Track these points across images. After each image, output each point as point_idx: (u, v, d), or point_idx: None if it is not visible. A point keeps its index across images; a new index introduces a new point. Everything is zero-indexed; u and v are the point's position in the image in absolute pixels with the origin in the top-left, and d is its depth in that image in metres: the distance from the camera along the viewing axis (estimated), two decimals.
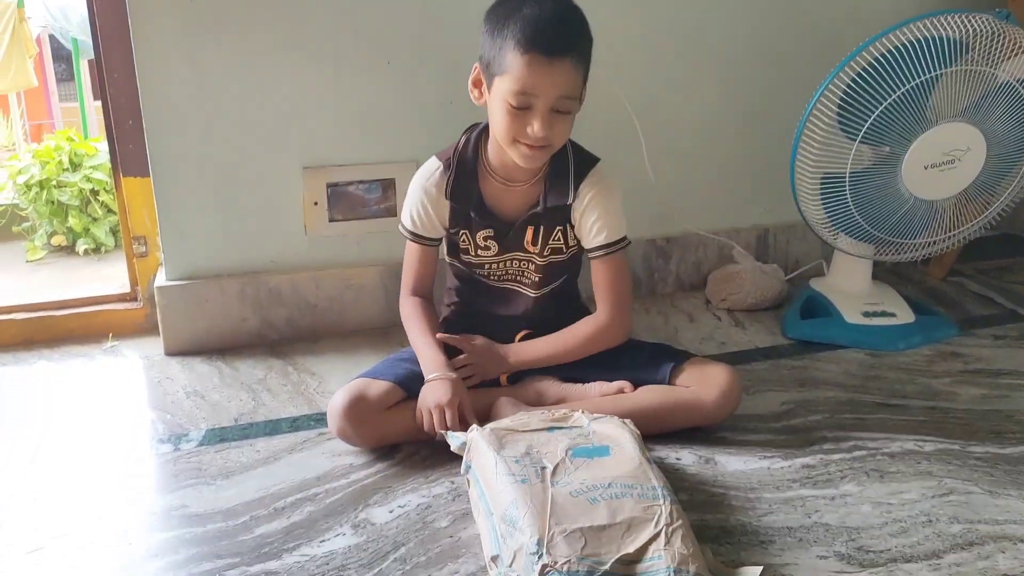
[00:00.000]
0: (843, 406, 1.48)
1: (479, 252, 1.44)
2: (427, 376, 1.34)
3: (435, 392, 1.31)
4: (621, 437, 1.17)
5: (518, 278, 1.47)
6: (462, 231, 1.44)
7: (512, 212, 1.42)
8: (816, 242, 1.86)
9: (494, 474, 1.08)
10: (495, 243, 1.43)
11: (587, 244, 1.43)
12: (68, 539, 1.13)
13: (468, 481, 1.17)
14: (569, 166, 1.40)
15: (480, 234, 1.42)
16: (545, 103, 1.24)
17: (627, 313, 1.45)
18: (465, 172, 1.40)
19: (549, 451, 1.13)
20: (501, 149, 1.34)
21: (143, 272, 1.84)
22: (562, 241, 1.43)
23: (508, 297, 1.49)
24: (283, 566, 1.07)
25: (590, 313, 1.56)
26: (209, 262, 1.73)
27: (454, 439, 1.21)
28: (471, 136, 1.42)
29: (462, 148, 1.41)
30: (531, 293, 1.47)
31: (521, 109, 1.25)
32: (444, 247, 1.50)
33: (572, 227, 1.43)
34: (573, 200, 1.39)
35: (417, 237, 1.45)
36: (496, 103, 1.28)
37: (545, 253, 1.43)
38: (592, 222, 1.39)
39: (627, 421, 1.22)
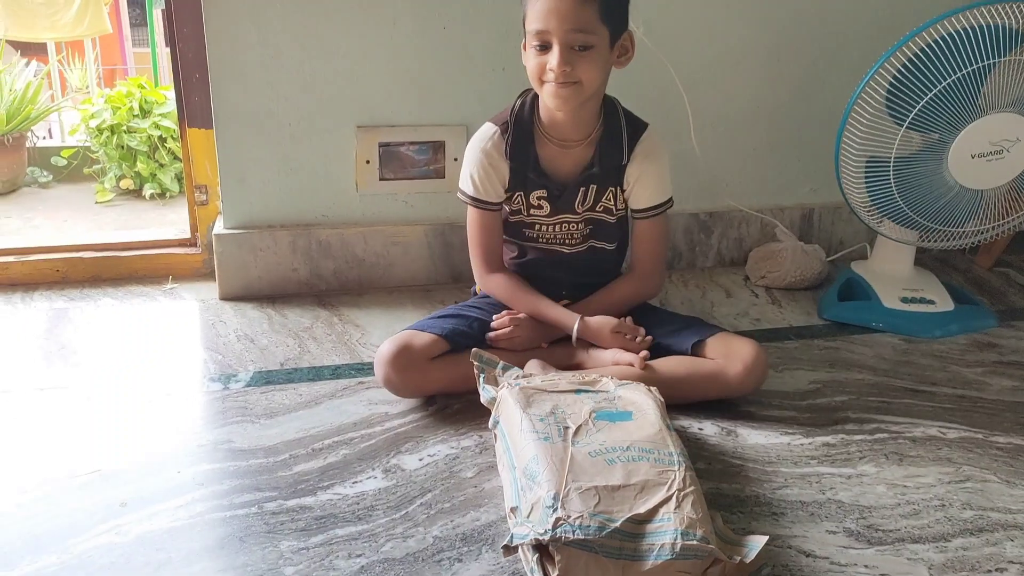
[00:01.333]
0: (871, 389, 1.50)
1: (532, 212, 1.50)
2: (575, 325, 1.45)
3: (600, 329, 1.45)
4: (645, 404, 1.21)
5: (566, 240, 1.53)
6: (517, 192, 1.49)
7: (566, 173, 1.47)
8: (861, 224, 1.86)
9: (519, 430, 1.14)
10: (548, 203, 1.49)
11: (636, 205, 1.50)
12: (122, 464, 1.22)
13: (495, 435, 1.22)
14: (622, 128, 1.46)
15: (534, 194, 1.48)
16: (560, 38, 1.30)
17: (663, 270, 1.58)
18: (522, 133, 1.46)
19: (573, 412, 1.17)
20: (551, 109, 1.40)
21: (203, 219, 1.92)
22: (612, 202, 1.50)
23: (552, 260, 1.54)
24: (317, 502, 1.14)
25: None
26: (264, 213, 1.81)
27: (486, 391, 1.27)
28: (526, 99, 1.47)
29: (518, 110, 1.46)
30: (574, 251, 1.53)
31: (543, 49, 1.33)
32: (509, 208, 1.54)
33: (623, 190, 1.49)
34: (627, 161, 1.46)
35: (479, 202, 1.49)
36: (527, 51, 1.36)
37: (598, 210, 1.50)
38: (644, 186, 1.48)
39: (652, 388, 1.26)
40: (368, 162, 1.81)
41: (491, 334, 1.46)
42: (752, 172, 2.05)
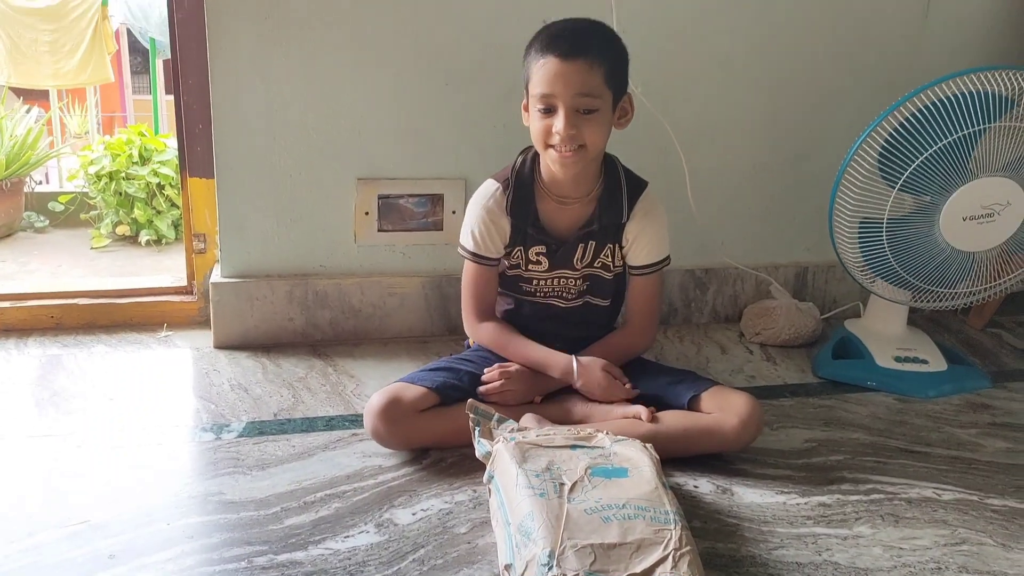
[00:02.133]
0: (866, 448, 1.50)
1: (530, 267, 1.51)
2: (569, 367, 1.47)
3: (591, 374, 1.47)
4: (640, 460, 1.21)
5: (562, 294, 1.54)
6: (517, 247, 1.50)
7: (565, 230, 1.49)
8: (855, 283, 1.87)
9: (515, 485, 1.13)
10: (546, 259, 1.50)
11: (634, 263, 1.52)
12: (110, 515, 1.21)
13: (489, 490, 1.22)
14: (622, 186, 1.48)
15: (533, 250, 1.50)
16: (565, 102, 1.33)
17: (656, 325, 1.58)
18: (523, 190, 1.47)
19: (569, 468, 1.17)
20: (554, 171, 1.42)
21: (200, 267, 1.93)
22: (610, 259, 1.51)
23: (547, 314, 1.55)
24: (308, 557, 1.13)
25: None
26: (262, 262, 1.82)
27: (481, 446, 1.26)
28: (527, 157, 1.50)
29: (519, 167, 1.49)
30: (569, 305, 1.54)
31: (547, 112, 1.35)
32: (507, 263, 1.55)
33: (621, 248, 1.51)
34: (627, 219, 1.48)
35: (478, 257, 1.51)
36: (531, 114, 1.39)
37: (596, 266, 1.51)
38: (643, 244, 1.50)
39: (648, 445, 1.26)
40: (367, 213, 1.83)
41: (482, 388, 1.45)
42: (747, 230, 2.07)
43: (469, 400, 1.34)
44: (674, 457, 1.37)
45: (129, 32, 4.95)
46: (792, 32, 1.95)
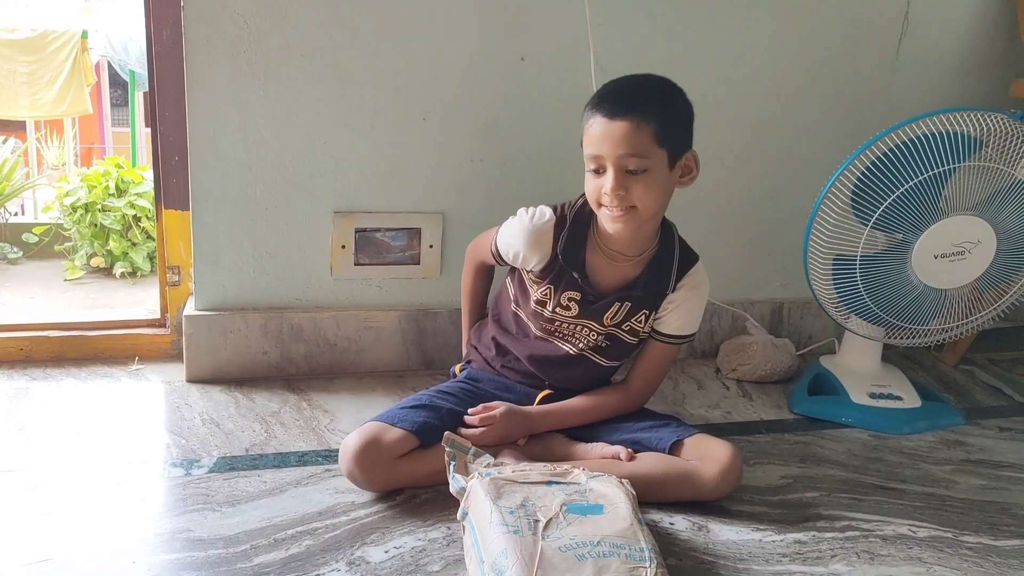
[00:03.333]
0: (841, 485, 1.50)
1: (557, 310, 1.47)
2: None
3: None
4: (616, 497, 1.20)
5: (579, 344, 1.49)
6: (549, 284, 1.46)
7: (608, 284, 1.45)
8: (829, 320, 1.88)
9: (488, 523, 1.12)
10: (578, 307, 1.45)
11: (662, 329, 1.48)
12: (75, 552, 1.18)
13: (463, 527, 1.20)
14: (674, 256, 1.46)
15: (566, 294, 1.45)
16: (612, 162, 1.30)
17: (649, 394, 1.54)
18: (577, 234, 1.43)
19: (544, 505, 1.16)
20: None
21: (174, 300, 1.91)
22: (642, 324, 1.47)
23: (551, 356, 1.51)
24: None
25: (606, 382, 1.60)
26: (237, 295, 1.80)
27: (455, 481, 1.25)
28: (585, 200, 1.43)
29: (578, 208, 1.44)
30: (577, 352, 1.50)
31: (597, 173, 1.33)
32: (512, 291, 1.54)
33: (656, 315, 1.47)
34: (672, 291, 1.45)
35: (499, 258, 1.53)
36: (586, 174, 1.36)
37: (624, 329, 1.47)
38: (679, 315, 1.47)
39: (624, 481, 1.25)
40: (344, 247, 1.82)
41: (465, 431, 1.42)
42: (724, 267, 2.08)
43: (445, 432, 1.33)
44: (650, 502, 1.35)
45: (110, 65, 4.96)
46: (767, 72, 1.98)
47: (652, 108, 1.30)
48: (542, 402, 1.51)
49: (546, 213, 1.45)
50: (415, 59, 1.76)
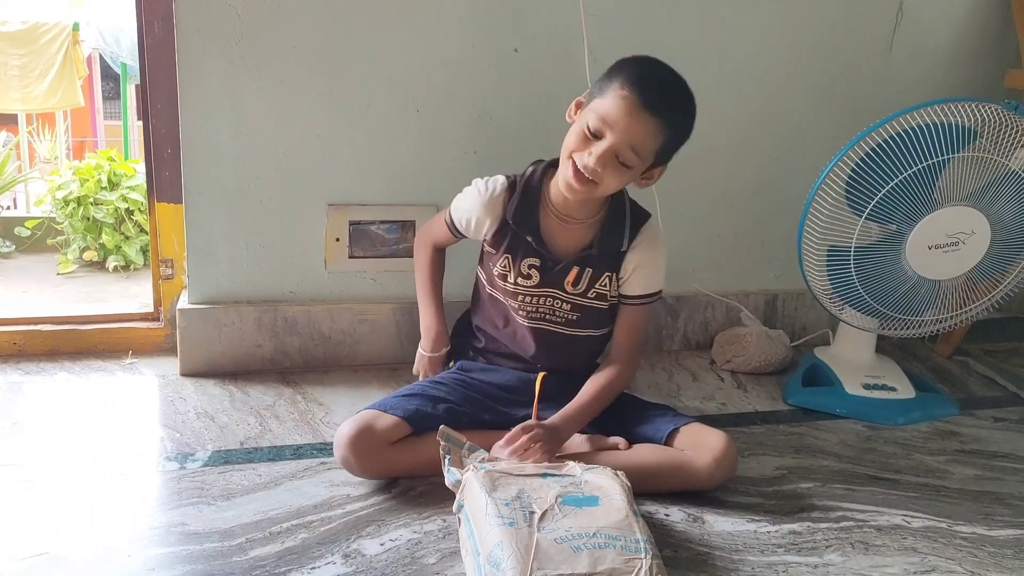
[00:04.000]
0: (836, 476, 1.50)
1: (519, 280, 1.47)
2: (423, 342, 1.61)
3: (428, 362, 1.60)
4: (611, 488, 1.20)
5: (549, 317, 1.50)
6: (506, 254, 1.47)
7: (563, 249, 1.46)
8: (824, 310, 1.89)
9: (484, 515, 1.12)
10: (538, 274, 1.46)
11: (627, 292, 1.49)
12: (70, 546, 1.18)
13: (459, 519, 1.20)
14: (626, 214, 1.47)
15: (525, 262, 1.46)
16: (614, 141, 1.30)
17: (638, 358, 1.54)
18: (529, 198, 1.45)
19: (539, 497, 1.16)
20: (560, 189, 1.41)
21: (167, 294, 1.90)
22: (607, 288, 1.48)
23: (534, 338, 1.51)
24: None
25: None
26: (230, 289, 1.80)
27: (451, 474, 1.25)
28: (538, 168, 1.48)
29: (528, 176, 1.47)
30: (558, 330, 1.50)
31: (593, 136, 1.32)
32: (484, 275, 1.54)
33: (619, 277, 1.48)
34: (627, 248, 1.46)
35: (454, 228, 1.54)
36: (578, 122, 1.36)
37: (590, 296, 1.48)
38: (641, 275, 1.47)
39: (619, 473, 1.25)
40: (338, 240, 1.82)
41: (506, 450, 1.31)
42: (718, 258, 2.09)
43: (440, 427, 1.33)
44: (646, 492, 1.36)
45: (102, 58, 4.93)
46: (761, 62, 1.98)
47: (676, 121, 1.34)
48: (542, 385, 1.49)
49: (499, 179, 1.49)
50: (408, 51, 1.75)
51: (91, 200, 2.87)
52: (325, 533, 1.24)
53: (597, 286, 1.47)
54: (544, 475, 1.23)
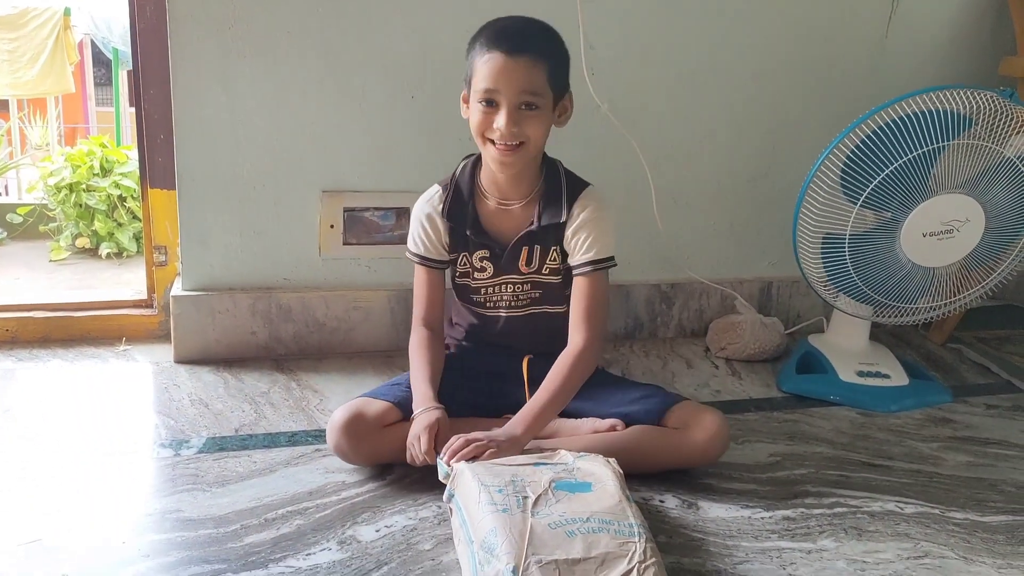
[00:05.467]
0: (829, 462, 1.51)
1: (476, 275, 1.49)
2: (415, 412, 1.35)
3: (418, 424, 1.32)
4: (604, 475, 1.20)
5: (514, 303, 1.51)
6: (461, 253, 1.49)
7: (508, 233, 1.46)
8: (818, 298, 1.89)
9: (476, 502, 1.11)
10: (491, 264, 1.48)
11: (574, 260, 1.44)
12: (64, 533, 1.17)
13: (451, 509, 1.20)
14: (562, 187, 1.45)
15: (477, 255, 1.48)
16: (509, 98, 1.32)
17: (601, 337, 1.45)
18: (461, 193, 1.47)
19: (533, 481, 1.16)
20: (493, 170, 1.42)
21: (160, 280, 1.89)
22: (557, 262, 1.47)
23: (504, 326, 1.52)
24: (268, 575, 1.10)
25: None
26: (224, 275, 1.79)
27: (441, 467, 1.25)
28: (468, 162, 1.50)
29: (459, 172, 1.49)
30: (523, 313, 1.51)
31: (490, 106, 1.34)
32: (451, 280, 1.54)
33: (564, 248, 1.47)
34: (566, 218, 1.44)
35: (423, 259, 1.50)
36: (472, 107, 1.38)
37: (544, 272, 1.48)
38: (583, 238, 1.43)
39: (611, 460, 1.25)
40: (332, 226, 1.81)
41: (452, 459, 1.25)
42: (713, 246, 2.09)
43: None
44: (640, 472, 1.36)
45: (94, 44, 4.89)
46: (756, 51, 1.97)
47: (547, 49, 1.36)
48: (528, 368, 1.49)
49: (433, 188, 1.50)
50: (403, 36, 1.74)
51: (83, 187, 2.85)
52: (320, 520, 1.24)
53: (548, 261, 1.47)
54: (536, 464, 1.23)
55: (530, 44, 1.33)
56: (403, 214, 1.84)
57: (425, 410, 1.34)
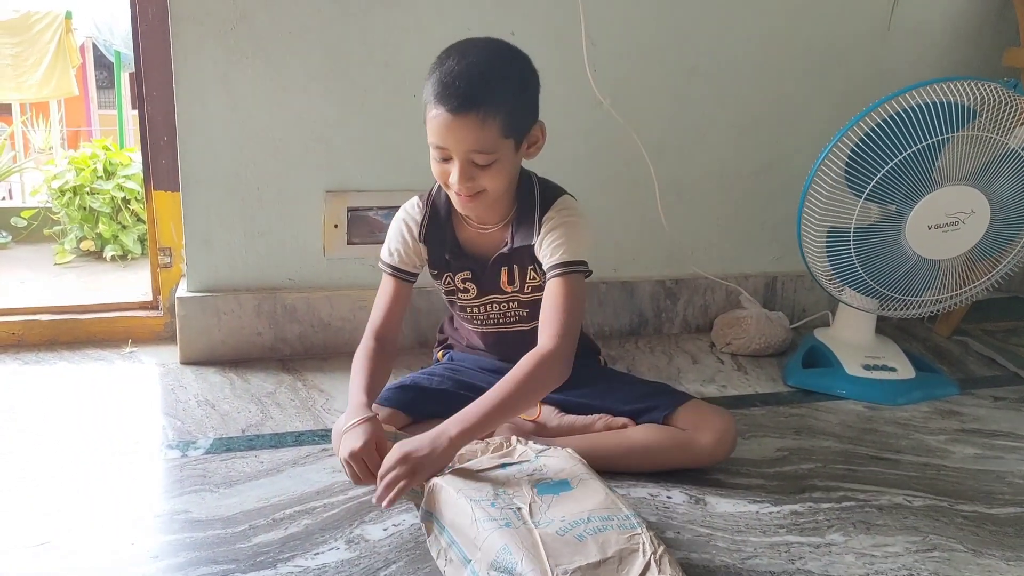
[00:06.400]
0: (837, 456, 1.51)
1: (461, 295, 1.47)
2: (345, 427, 1.24)
3: (346, 442, 1.21)
4: (575, 469, 1.18)
5: (502, 320, 1.48)
6: (444, 273, 1.46)
7: (486, 253, 1.43)
8: (823, 292, 1.89)
9: (471, 520, 1.07)
10: (474, 285, 1.45)
11: (545, 264, 1.36)
12: (73, 535, 1.18)
13: (428, 528, 1.15)
14: (535, 206, 1.39)
15: (459, 276, 1.45)
16: (459, 156, 1.24)
17: (571, 345, 1.30)
18: (438, 216, 1.42)
19: (516, 491, 1.13)
20: None
21: (166, 282, 1.90)
22: (539, 280, 1.42)
23: (499, 341, 1.50)
24: (277, 575, 1.10)
25: (600, 356, 1.59)
26: (229, 276, 1.79)
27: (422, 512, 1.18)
28: None
29: (435, 193, 1.42)
30: (515, 329, 1.48)
31: (444, 160, 1.27)
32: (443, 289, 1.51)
33: (539, 262, 1.41)
34: (537, 236, 1.37)
35: (395, 270, 1.43)
36: (431, 152, 1.29)
37: (527, 291, 1.44)
38: (551, 240, 1.35)
39: (568, 450, 1.23)
40: (336, 226, 1.81)
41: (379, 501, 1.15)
42: (717, 241, 2.08)
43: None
44: (647, 471, 1.37)
45: (95, 47, 4.90)
46: (758, 44, 1.97)
47: (498, 100, 1.22)
48: None
49: (413, 203, 1.43)
50: (405, 35, 1.74)
51: (87, 189, 2.86)
52: (328, 519, 1.24)
53: (528, 279, 1.43)
54: (503, 466, 1.20)
55: (478, 100, 1.20)
56: None
57: (352, 426, 1.23)
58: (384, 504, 1.14)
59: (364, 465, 1.19)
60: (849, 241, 1.64)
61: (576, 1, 1.75)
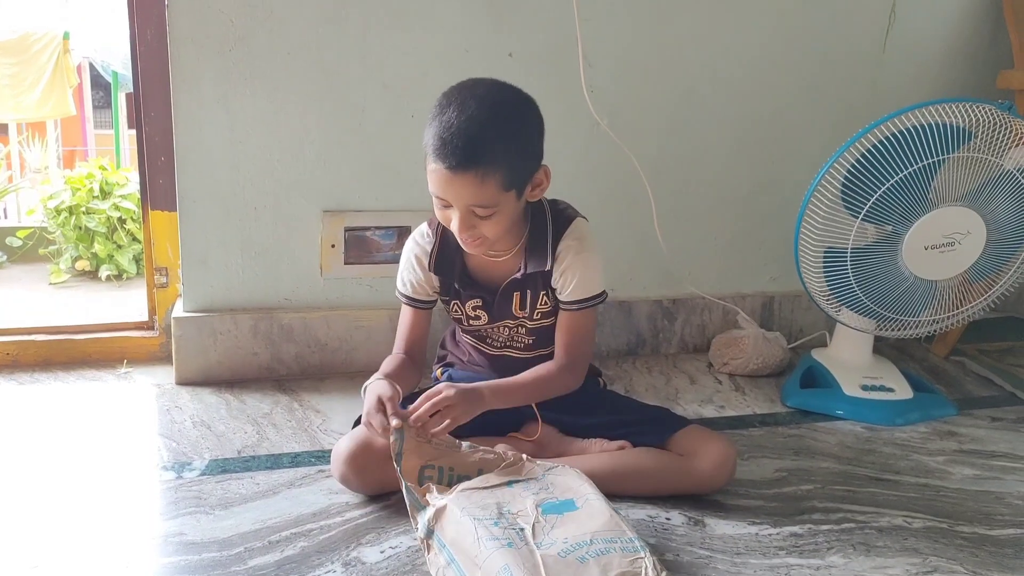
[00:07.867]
0: (836, 477, 1.50)
1: (470, 321, 1.47)
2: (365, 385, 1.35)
3: (375, 389, 1.31)
4: (581, 488, 1.18)
5: (512, 344, 1.49)
6: (453, 300, 1.46)
7: (497, 280, 1.43)
8: (820, 312, 1.89)
9: (474, 539, 1.07)
10: (484, 312, 1.45)
11: (562, 299, 1.41)
12: (66, 558, 1.16)
13: (428, 546, 1.14)
14: (547, 232, 1.40)
15: (469, 304, 1.45)
16: (460, 208, 1.26)
17: (581, 364, 1.43)
18: (448, 246, 1.42)
19: (520, 510, 1.13)
20: None
21: (162, 302, 1.89)
22: (549, 305, 1.44)
23: (511, 363, 1.49)
24: None
25: (600, 378, 1.59)
26: (226, 296, 1.79)
27: (409, 494, 1.19)
28: None
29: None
30: (527, 355, 1.49)
31: (444, 207, 1.29)
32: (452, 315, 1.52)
33: (554, 291, 1.43)
34: (551, 264, 1.39)
35: (411, 300, 1.48)
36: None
37: (535, 317, 1.45)
38: (569, 280, 1.39)
39: (578, 470, 1.24)
40: (333, 246, 1.81)
41: (422, 423, 1.26)
42: (714, 261, 2.09)
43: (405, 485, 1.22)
44: (644, 495, 1.36)
45: (91, 67, 4.92)
46: (755, 65, 1.98)
47: (497, 157, 1.22)
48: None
49: (423, 231, 1.44)
50: (403, 56, 1.75)
51: (83, 209, 2.85)
52: (324, 541, 1.23)
53: (539, 306, 1.44)
54: (509, 483, 1.20)
55: (475, 158, 1.21)
56: (404, 233, 1.84)
57: (378, 380, 1.33)
58: (433, 431, 1.23)
59: (367, 406, 1.27)
60: (846, 261, 1.64)
61: (573, 22, 1.76)
